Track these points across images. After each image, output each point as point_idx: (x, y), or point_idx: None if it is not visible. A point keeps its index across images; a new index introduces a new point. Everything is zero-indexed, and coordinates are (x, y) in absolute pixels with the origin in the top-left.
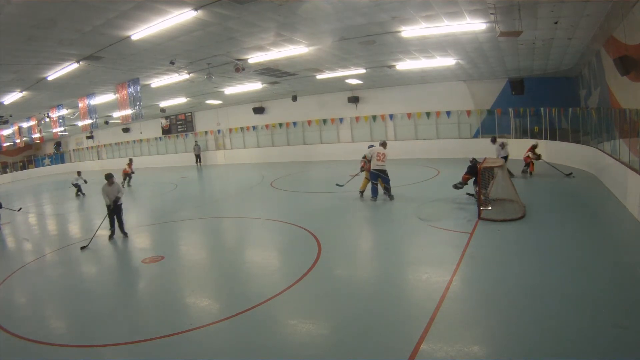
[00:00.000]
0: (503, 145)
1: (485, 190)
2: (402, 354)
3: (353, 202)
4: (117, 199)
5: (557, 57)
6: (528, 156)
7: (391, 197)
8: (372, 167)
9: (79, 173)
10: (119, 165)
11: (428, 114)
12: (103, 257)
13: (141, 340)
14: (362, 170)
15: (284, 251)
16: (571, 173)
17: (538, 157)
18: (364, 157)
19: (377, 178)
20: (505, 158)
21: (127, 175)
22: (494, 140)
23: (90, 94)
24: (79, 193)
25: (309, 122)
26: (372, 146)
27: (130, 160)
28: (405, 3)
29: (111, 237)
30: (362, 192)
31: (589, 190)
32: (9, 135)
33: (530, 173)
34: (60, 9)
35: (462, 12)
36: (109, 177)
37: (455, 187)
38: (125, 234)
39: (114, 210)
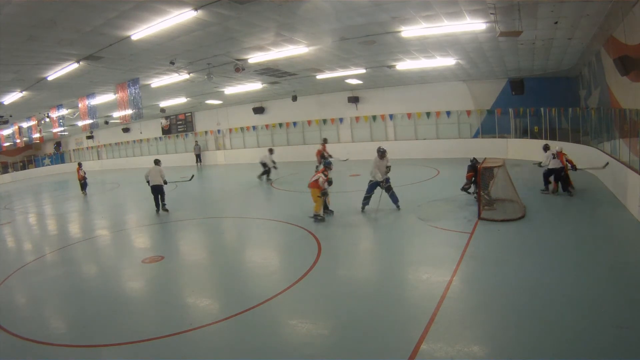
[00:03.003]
0: (382, 155)
1: (486, 190)
2: (402, 354)
3: (353, 203)
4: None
5: (557, 57)
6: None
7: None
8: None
9: (270, 151)
10: (119, 165)
11: (428, 114)
12: (103, 257)
13: (141, 340)
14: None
15: (284, 251)
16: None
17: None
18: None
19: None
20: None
21: (322, 157)
22: (381, 154)
23: (90, 94)
24: (268, 178)
25: (309, 122)
26: (329, 162)
27: (325, 140)
28: (405, 3)
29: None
30: (322, 212)
31: (588, 190)
32: (9, 135)
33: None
34: (60, 9)
35: (462, 12)
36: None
37: (463, 189)
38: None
39: (157, 191)
